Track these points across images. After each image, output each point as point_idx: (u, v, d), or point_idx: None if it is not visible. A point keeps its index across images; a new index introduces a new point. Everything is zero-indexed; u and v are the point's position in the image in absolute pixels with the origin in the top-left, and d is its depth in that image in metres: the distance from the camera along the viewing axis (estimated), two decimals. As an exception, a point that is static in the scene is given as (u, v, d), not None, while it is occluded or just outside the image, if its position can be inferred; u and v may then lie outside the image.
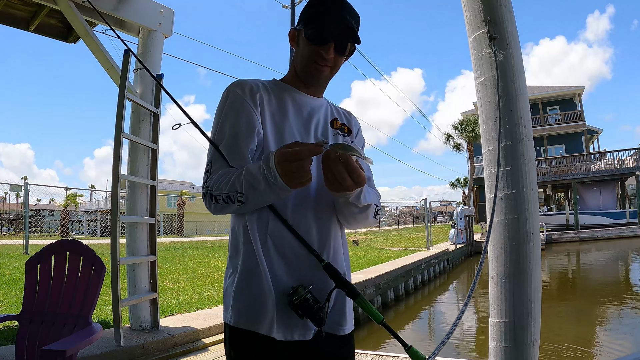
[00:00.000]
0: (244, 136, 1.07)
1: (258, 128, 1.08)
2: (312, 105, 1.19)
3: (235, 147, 1.06)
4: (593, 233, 21.22)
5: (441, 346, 1.20)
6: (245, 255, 1.06)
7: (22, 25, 4.10)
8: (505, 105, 1.92)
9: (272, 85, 1.19)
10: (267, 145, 1.09)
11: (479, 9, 1.99)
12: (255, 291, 1.03)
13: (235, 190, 0.98)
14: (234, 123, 1.08)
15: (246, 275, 1.04)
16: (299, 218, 1.07)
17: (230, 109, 1.10)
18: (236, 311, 1.04)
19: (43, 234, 19.81)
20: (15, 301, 4.65)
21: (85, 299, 2.38)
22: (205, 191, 1.05)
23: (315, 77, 1.16)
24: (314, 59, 1.13)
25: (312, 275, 1.05)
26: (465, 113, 32.20)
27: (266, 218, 1.05)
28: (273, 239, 1.05)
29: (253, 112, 1.09)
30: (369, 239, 20.22)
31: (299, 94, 1.19)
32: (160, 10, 4.04)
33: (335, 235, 1.14)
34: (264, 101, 1.12)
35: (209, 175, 1.06)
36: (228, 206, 1.02)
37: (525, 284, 1.85)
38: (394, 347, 6.17)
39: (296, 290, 1.00)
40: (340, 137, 1.22)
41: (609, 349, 5.66)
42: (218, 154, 1.07)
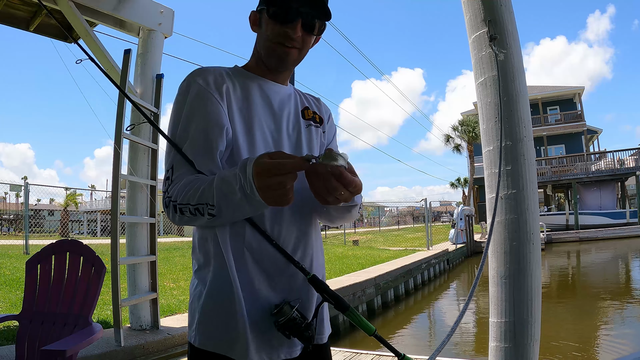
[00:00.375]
0: (212, 136, 0.93)
1: (227, 126, 0.95)
2: (281, 95, 1.08)
3: (203, 149, 0.93)
4: (593, 233, 21.21)
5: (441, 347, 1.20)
6: (216, 269, 0.94)
7: (22, 25, 4.10)
8: (505, 105, 1.92)
9: (235, 73, 1.05)
10: (237, 145, 0.96)
11: (479, 9, 2.00)
12: (225, 312, 0.91)
13: (206, 202, 0.85)
14: (200, 121, 0.94)
15: (216, 293, 0.93)
16: (277, 227, 0.96)
17: (194, 104, 0.96)
18: (202, 331, 0.93)
19: (43, 234, 19.81)
20: (15, 301, 4.65)
21: (85, 299, 2.38)
22: (168, 202, 0.91)
23: (282, 61, 1.03)
24: (279, 40, 1.00)
25: (296, 289, 0.96)
26: (465, 113, 32.20)
27: (242, 228, 0.94)
28: (251, 252, 0.94)
29: (220, 107, 0.96)
30: (369, 239, 20.23)
31: (266, 83, 1.06)
32: (160, 10, 4.04)
33: (315, 243, 1.05)
34: (230, 93, 0.99)
35: (171, 183, 0.92)
36: (196, 219, 0.89)
37: (525, 284, 1.85)
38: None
39: (281, 310, 0.90)
40: (313, 128, 1.11)
41: (609, 349, 5.66)
42: (181, 158, 0.93)
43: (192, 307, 0.98)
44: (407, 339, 6.73)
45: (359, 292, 7.28)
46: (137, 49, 4.04)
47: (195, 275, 1.00)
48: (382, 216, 41.56)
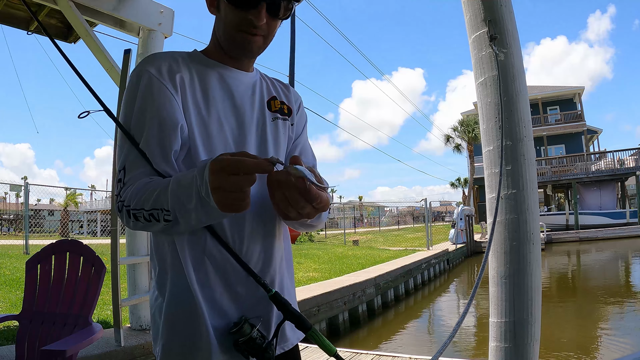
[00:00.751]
0: (165, 135, 0.84)
1: (182, 123, 0.86)
2: (244, 85, 0.97)
3: (157, 149, 0.84)
4: (593, 233, 21.21)
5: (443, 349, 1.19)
6: (175, 281, 0.86)
7: (22, 25, 4.10)
8: (505, 105, 1.92)
9: (193, 59, 0.95)
10: (194, 143, 0.87)
11: (479, 9, 2.00)
12: (189, 329, 0.85)
13: (161, 207, 0.77)
14: (152, 118, 0.84)
15: (177, 308, 0.86)
16: (239, 236, 0.88)
17: (145, 98, 0.85)
18: (166, 351, 0.86)
19: (43, 234, 19.81)
20: (15, 301, 4.65)
21: (85, 299, 2.38)
22: (121, 206, 0.83)
23: (245, 50, 0.92)
24: (241, 27, 0.89)
25: (257, 305, 0.89)
26: (465, 113, 32.21)
27: (202, 235, 0.86)
28: (213, 261, 0.87)
29: (174, 101, 0.86)
30: (369, 239, 20.23)
31: (227, 70, 0.96)
32: (160, 10, 4.04)
33: (279, 254, 0.96)
34: (185, 84, 0.89)
35: (124, 186, 0.84)
36: (151, 225, 0.80)
37: (525, 284, 1.85)
38: (394, 347, 6.17)
39: (241, 329, 0.84)
40: (280, 122, 1.00)
41: (609, 348, 5.66)
42: (133, 158, 0.84)
43: (155, 321, 0.90)
44: (407, 339, 6.73)
45: (359, 292, 7.28)
46: (137, 49, 4.04)
47: (155, 282, 0.92)
48: (382, 216, 41.56)
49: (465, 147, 30.04)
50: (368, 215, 46.04)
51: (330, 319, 6.45)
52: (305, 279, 7.74)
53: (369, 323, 7.40)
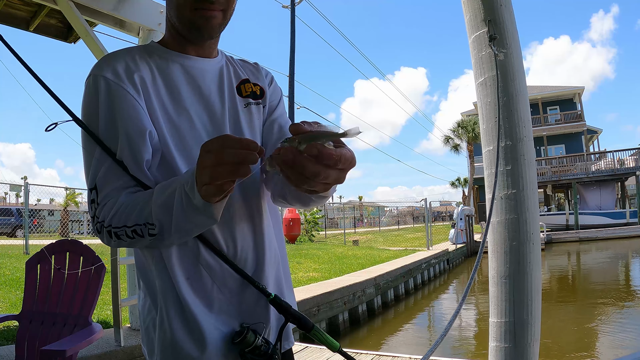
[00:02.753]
0: (134, 145, 0.76)
1: (149, 129, 0.78)
2: (209, 73, 0.89)
3: (129, 161, 0.77)
4: (593, 233, 21.21)
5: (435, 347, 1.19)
6: (170, 299, 0.80)
7: (22, 25, 4.10)
8: (505, 105, 1.92)
9: (151, 52, 0.86)
10: (167, 147, 0.80)
11: (479, 9, 2.00)
12: (185, 337, 0.80)
13: (144, 222, 0.72)
14: (116, 126, 0.77)
15: (175, 326, 0.80)
16: (230, 237, 0.83)
17: (106, 106, 0.77)
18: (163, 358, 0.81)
19: (43, 234, 19.81)
20: (15, 301, 4.65)
21: (85, 299, 2.38)
22: (100, 227, 0.76)
23: (204, 29, 0.83)
24: (196, 5, 0.80)
25: (258, 312, 0.86)
26: (465, 113, 32.21)
27: (194, 246, 0.81)
28: (209, 271, 0.82)
29: (138, 106, 0.78)
30: (369, 239, 20.23)
31: (189, 60, 0.87)
32: (160, 10, 4.04)
33: (273, 247, 0.91)
34: (146, 83, 0.81)
35: (98, 206, 0.77)
36: (136, 241, 0.75)
37: (525, 284, 1.85)
38: (394, 347, 6.17)
39: (245, 338, 0.80)
40: (254, 107, 0.92)
41: (609, 348, 5.66)
42: (103, 174, 0.77)
43: (148, 331, 0.85)
44: (407, 339, 6.73)
45: (359, 292, 7.28)
46: (137, 49, 4.04)
47: (143, 292, 0.88)
48: (382, 216, 41.56)
49: (464, 147, 30.04)
50: (368, 215, 46.04)
51: (330, 319, 6.45)
52: (305, 279, 7.74)
53: (369, 323, 7.40)
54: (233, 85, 0.92)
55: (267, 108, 0.96)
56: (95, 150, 0.78)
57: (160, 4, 4.05)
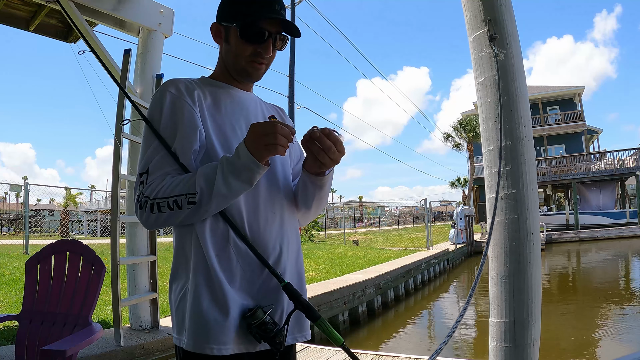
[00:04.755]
0: (186, 136, 0.98)
1: (200, 128, 1.00)
2: (247, 101, 1.13)
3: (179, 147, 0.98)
4: (593, 233, 21.21)
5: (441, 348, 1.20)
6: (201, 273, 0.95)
7: (22, 25, 4.10)
8: (505, 105, 1.92)
9: (204, 82, 1.11)
10: (211, 144, 1.01)
11: (479, 9, 1.99)
12: (214, 311, 0.93)
13: (187, 192, 0.90)
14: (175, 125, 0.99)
15: (200, 296, 0.94)
16: (257, 229, 1.00)
17: (169, 111, 1.00)
18: (193, 335, 0.93)
19: (43, 234, 19.81)
20: (15, 301, 4.65)
21: (85, 299, 2.38)
22: (144, 201, 0.94)
23: (252, 76, 1.10)
24: (252, 58, 1.06)
25: (271, 295, 0.99)
26: (465, 113, 32.20)
27: (225, 229, 0.97)
28: (236, 251, 0.98)
29: (193, 111, 1.01)
30: (369, 239, 20.23)
31: (233, 90, 1.12)
32: (160, 10, 4.03)
33: (293, 241, 1.08)
34: (201, 98, 1.04)
35: (146, 185, 0.96)
36: (174, 214, 0.92)
37: (525, 284, 1.85)
38: (394, 347, 6.17)
39: (254, 313, 0.93)
40: None
41: (609, 348, 5.66)
42: (156, 162, 0.97)
43: (179, 311, 0.98)
44: (407, 339, 6.73)
45: (359, 292, 7.28)
46: (137, 49, 4.04)
47: (176, 277, 1.01)
48: (382, 216, 41.55)
49: (464, 146, 30.03)
50: (368, 215, 46.03)
51: (330, 319, 6.45)
52: (305, 279, 7.73)
53: (369, 323, 7.39)
54: (265, 114, 1.17)
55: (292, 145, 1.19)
56: (152, 143, 0.99)
57: (160, 4, 4.05)
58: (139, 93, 3.90)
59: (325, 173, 1.05)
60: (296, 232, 1.11)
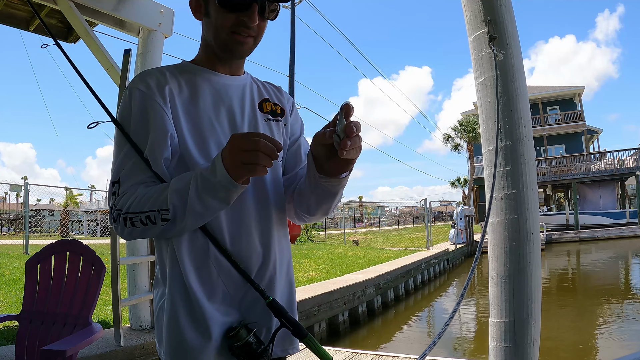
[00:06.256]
0: (156, 143, 0.88)
1: (171, 132, 0.89)
2: (233, 88, 1.00)
3: (151, 158, 0.88)
4: (593, 233, 21.20)
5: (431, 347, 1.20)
6: (177, 287, 0.88)
7: (22, 25, 4.10)
8: (505, 105, 1.92)
9: (181, 69, 0.98)
10: (186, 148, 0.90)
11: (479, 9, 2.00)
12: (189, 326, 0.87)
13: (159, 208, 0.81)
14: (146, 128, 0.89)
15: (176, 309, 0.88)
16: (238, 242, 0.91)
17: (139, 112, 0.90)
18: (170, 346, 0.88)
19: (43, 234, 19.81)
20: (15, 301, 4.65)
21: (85, 299, 2.38)
22: (117, 215, 0.86)
23: (237, 51, 0.95)
24: (234, 29, 0.91)
25: (257, 311, 0.91)
26: (465, 113, 32.20)
27: (204, 244, 0.89)
28: (217, 266, 0.89)
29: (164, 112, 0.90)
30: (369, 239, 20.23)
31: (216, 76, 0.98)
32: (160, 10, 4.03)
33: (279, 250, 0.98)
34: (174, 95, 0.92)
35: (118, 197, 0.87)
36: (147, 229, 0.84)
37: (525, 284, 1.85)
38: (394, 347, 6.17)
39: (237, 333, 0.86)
40: (273, 122, 1.03)
41: (609, 349, 5.66)
42: (127, 170, 0.88)
43: (158, 319, 0.92)
44: (407, 339, 6.73)
45: (359, 292, 7.28)
46: (137, 49, 4.04)
47: (157, 283, 0.95)
48: (382, 216, 41.55)
49: (464, 147, 30.03)
50: (368, 215, 46.04)
51: (330, 319, 6.45)
52: (305, 279, 7.74)
53: (369, 323, 7.39)
54: (255, 101, 1.03)
55: (289, 128, 1.07)
56: (124, 148, 0.90)
57: (160, 4, 4.05)
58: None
59: (341, 176, 0.90)
60: (286, 241, 1.02)
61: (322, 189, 0.92)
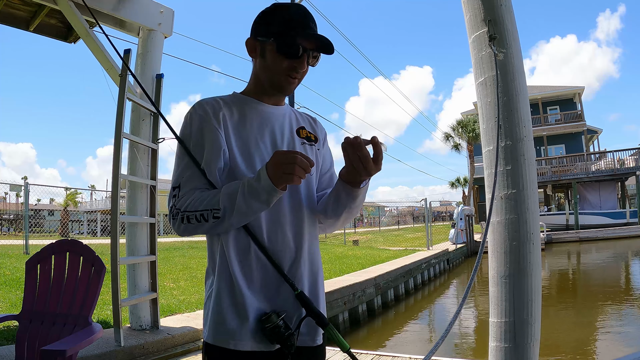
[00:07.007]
0: (211, 156, 1.07)
1: (224, 148, 1.08)
2: (275, 116, 1.18)
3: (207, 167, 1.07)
4: (593, 233, 21.20)
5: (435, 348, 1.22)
6: (224, 276, 1.06)
7: (22, 25, 4.10)
8: (505, 105, 1.92)
9: (232, 99, 1.17)
10: (235, 162, 1.09)
11: (479, 8, 2.00)
12: (231, 311, 1.04)
13: (211, 207, 1.00)
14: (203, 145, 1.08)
15: (221, 296, 1.05)
16: (275, 241, 1.08)
17: (198, 132, 1.09)
18: (213, 328, 1.04)
19: (43, 234, 19.81)
20: (15, 301, 4.65)
21: (85, 299, 2.38)
22: (176, 212, 1.04)
23: (285, 90, 1.15)
24: (287, 72, 1.11)
25: (286, 301, 1.07)
26: (465, 113, 32.19)
27: (247, 241, 1.06)
28: (257, 263, 1.06)
29: (218, 132, 1.08)
30: (369, 239, 20.23)
31: (261, 105, 1.17)
32: (160, 10, 4.04)
33: (312, 255, 1.15)
34: (226, 119, 1.11)
35: (178, 199, 1.05)
36: (200, 225, 1.02)
37: (525, 284, 1.85)
38: (394, 347, 6.17)
39: (269, 317, 1.02)
40: (308, 146, 1.21)
41: (609, 349, 5.66)
42: (186, 178, 1.07)
43: (206, 306, 1.09)
44: (407, 339, 6.73)
45: (359, 292, 7.28)
46: (137, 49, 4.04)
47: (208, 275, 1.12)
48: (382, 216, 41.55)
49: (464, 146, 30.02)
50: (368, 215, 46.04)
51: (330, 319, 6.45)
52: (305, 279, 7.72)
53: (369, 323, 7.39)
54: (293, 127, 1.22)
55: (322, 154, 1.26)
56: (184, 160, 1.09)
57: (160, 4, 4.05)
58: (139, 93, 3.90)
59: (360, 185, 1.07)
60: (317, 244, 1.19)
61: (342, 197, 1.11)
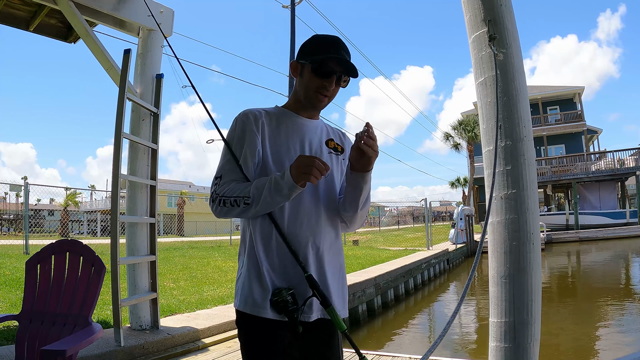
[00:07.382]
0: (249, 154, 1.33)
1: (258, 149, 1.34)
2: (308, 127, 1.42)
3: (244, 163, 1.33)
4: (593, 233, 21.20)
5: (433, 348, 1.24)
6: (252, 257, 1.31)
7: (22, 25, 4.10)
8: (505, 105, 1.92)
9: (273, 111, 1.42)
10: (267, 161, 1.33)
11: (479, 8, 1.99)
12: (256, 285, 1.28)
13: (243, 195, 1.24)
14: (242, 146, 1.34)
15: (249, 273, 1.30)
16: (293, 230, 1.30)
17: (239, 135, 1.35)
18: (242, 299, 1.29)
19: (43, 234, 19.81)
20: (15, 301, 4.65)
21: (85, 299, 2.37)
22: (215, 197, 1.29)
23: (316, 105, 1.39)
24: (318, 90, 1.35)
25: (300, 282, 1.27)
26: (465, 113, 32.19)
27: (270, 228, 1.29)
28: (277, 247, 1.29)
29: (255, 136, 1.33)
30: (369, 239, 20.23)
31: (297, 117, 1.41)
32: (160, 10, 4.03)
33: (329, 245, 1.36)
34: (265, 126, 1.36)
35: (219, 186, 1.31)
36: (233, 209, 1.26)
37: (525, 284, 1.85)
38: (394, 347, 6.17)
39: (280, 292, 1.23)
40: (334, 156, 1.44)
41: (609, 349, 5.66)
42: (228, 169, 1.33)
43: (237, 280, 1.35)
44: (407, 339, 6.73)
45: (359, 292, 7.28)
46: (137, 49, 4.04)
47: (240, 257, 1.37)
48: (382, 216, 41.55)
49: (464, 146, 30.01)
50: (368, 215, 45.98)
51: (330, 319, 6.44)
52: (305, 279, 7.72)
53: (368, 323, 7.39)
54: (323, 139, 1.45)
55: (347, 163, 1.40)
56: (227, 156, 1.34)
57: (160, 4, 4.05)
58: (139, 93, 3.90)
59: (369, 168, 1.29)
60: (336, 234, 1.40)
61: (352, 185, 1.33)
